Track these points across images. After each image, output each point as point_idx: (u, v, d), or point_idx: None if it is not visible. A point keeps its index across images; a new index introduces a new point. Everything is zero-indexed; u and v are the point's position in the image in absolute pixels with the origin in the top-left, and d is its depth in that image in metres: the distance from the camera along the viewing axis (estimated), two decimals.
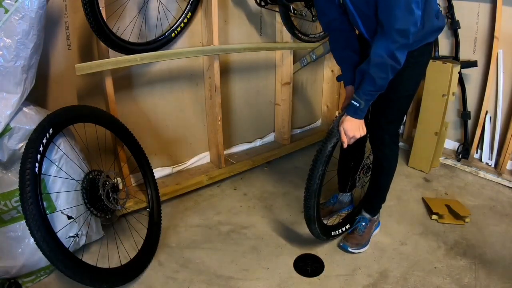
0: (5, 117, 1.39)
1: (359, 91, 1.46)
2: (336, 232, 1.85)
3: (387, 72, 1.38)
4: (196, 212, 2.12)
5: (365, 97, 1.45)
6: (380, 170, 1.78)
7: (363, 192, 1.98)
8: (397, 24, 1.30)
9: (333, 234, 1.84)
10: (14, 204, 1.48)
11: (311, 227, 1.73)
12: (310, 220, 1.70)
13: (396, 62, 1.37)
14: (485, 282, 1.63)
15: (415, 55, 1.49)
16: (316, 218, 1.70)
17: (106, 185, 1.61)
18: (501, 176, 2.42)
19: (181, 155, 2.41)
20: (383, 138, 1.68)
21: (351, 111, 1.50)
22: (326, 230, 1.80)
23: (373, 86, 1.42)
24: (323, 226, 1.78)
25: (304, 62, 2.70)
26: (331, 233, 1.83)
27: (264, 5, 2.24)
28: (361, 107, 1.46)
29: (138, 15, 1.93)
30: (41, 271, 1.60)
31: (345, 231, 1.89)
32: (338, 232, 1.86)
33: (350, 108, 1.50)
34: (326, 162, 1.62)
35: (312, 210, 1.67)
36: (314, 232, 1.75)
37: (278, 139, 2.84)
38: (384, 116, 1.64)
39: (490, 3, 2.38)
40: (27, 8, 1.35)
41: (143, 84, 2.09)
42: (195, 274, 1.68)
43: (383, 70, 1.38)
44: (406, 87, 1.59)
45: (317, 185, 1.64)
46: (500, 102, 2.45)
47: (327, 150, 1.60)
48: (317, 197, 1.66)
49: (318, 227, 1.72)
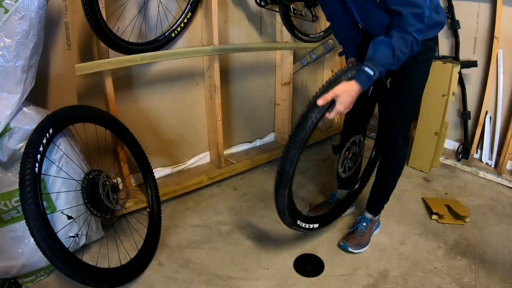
0: (5, 117, 1.39)
1: (375, 60, 1.36)
2: (304, 225, 1.71)
3: (407, 47, 1.34)
4: (196, 212, 2.12)
5: (381, 68, 1.35)
6: (389, 170, 1.78)
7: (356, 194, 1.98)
8: (412, 8, 1.30)
9: (301, 225, 1.69)
10: (14, 204, 1.48)
11: (281, 217, 1.62)
12: (279, 210, 1.57)
13: (416, 41, 1.35)
14: (485, 282, 1.63)
15: (420, 52, 1.50)
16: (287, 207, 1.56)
17: (106, 185, 1.61)
18: (501, 176, 2.42)
19: (181, 155, 2.41)
20: (397, 140, 1.69)
21: (363, 77, 1.36)
22: (297, 217, 1.67)
23: (391, 59, 1.34)
24: (295, 213, 1.65)
25: (304, 62, 2.70)
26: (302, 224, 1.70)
27: (264, 5, 2.24)
28: (375, 76, 1.35)
29: (138, 15, 1.93)
30: (41, 271, 1.60)
31: (311, 229, 1.76)
32: (306, 226, 1.72)
33: (361, 75, 1.37)
34: (302, 146, 1.44)
35: (282, 199, 1.52)
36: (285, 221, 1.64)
37: (278, 139, 2.84)
38: (397, 119, 1.65)
39: (490, 3, 2.38)
40: (27, 8, 1.35)
41: (143, 84, 2.09)
42: (195, 274, 1.68)
43: (405, 44, 1.34)
44: (416, 88, 1.62)
45: (290, 172, 1.47)
46: (500, 102, 2.45)
47: (306, 128, 1.40)
48: (288, 186, 1.50)
49: (289, 215, 1.59)
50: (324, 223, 1.86)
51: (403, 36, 1.33)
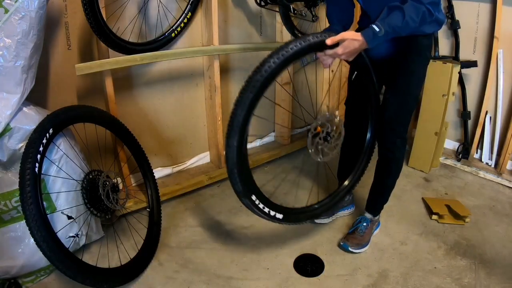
0: (5, 117, 1.39)
1: (383, 21, 1.39)
2: (261, 205, 1.45)
3: (418, 15, 1.37)
4: (196, 212, 2.12)
5: (387, 28, 1.38)
6: (388, 171, 1.79)
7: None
8: None
9: (256, 203, 1.44)
10: (14, 204, 1.48)
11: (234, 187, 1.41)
12: (229, 168, 1.35)
13: (429, 12, 1.37)
14: (485, 282, 1.63)
15: (415, 49, 1.51)
16: (237, 165, 1.33)
17: (106, 185, 1.61)
18: (501, 176, 2.42)
19: (181, 155, 2.41)
20: (395, 142, 1.69)
21: (369, 33, 1.40)
22: (252, 190, 1.44)
23: (400, 22, 1.36)
24: (249, 183, 1.43)
25: (304, 62, 2.70)
26: (257, 202, 1.44)
27: (264, 5, 2.24)
28: (380, 34, 1.38)
29: (138, 15, 1.93)
30: (41, 271, 1.60)
31: (270, 216, 1.49)
32: (262, 207, 1.46)
33: (368, 30, 1.40)
34: (257, 89, 1.29)
35: (232, 151, 1.31)
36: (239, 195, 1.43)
37: (278, 139, 2.84)
38: (395, 120, 1.65)
39: (490, 3, 2.38)
40: (27, 8, 1.35)
41: (143, 84, 2.09)
42: (195, 274, 1.68)
43: (417, 12, 1.36)
44: (413, 89, 1.62)
45: (242, 116, 1.30)
46: (500, 102, 2.45)
47: (262, 71, 1.29)
48: (240, 135, 1.31)
49: (240, 178, 1.37)
50: (290, 219, 1.57)
51: (416, 5, 1.36)
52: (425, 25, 1.43)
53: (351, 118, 1.85)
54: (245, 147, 1.36)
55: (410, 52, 1.53)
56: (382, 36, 1.39)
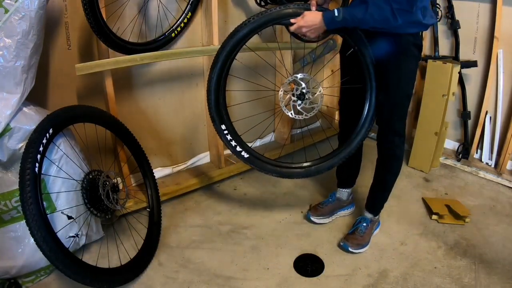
0: (5, 117, 1.39)
1: (347, 9, 1.47)
2: (228, 136, 1.74)
3: (380, 15, 1.41)
4: (196, 212, 2.12)
5: (346, 15, 1.45)
6: (388, 170, 1.80)
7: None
8: None
9: (224, 132, 1.73)
10: (14, 204, 1.48)
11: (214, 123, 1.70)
12: (208, 86, 1.66)
13: (393, 16, 1.40)
14: (485, 282, 1.63)
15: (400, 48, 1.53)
16: (214, 91, 1.66)
17: (106, 185, 1.61)
18: (501, 176, 2.42)
19: (181, 155, 2.41)
20: (393, 141, 1.71)
21: (328, 14, 1.49)
22: (223, 121, 1.73)
23: (361, 15, 1.43)
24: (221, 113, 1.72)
25: (304, 62, 2.69)
26: (226, 133, 1.74)
27: (264, 5, 2.24)
28: (338, 19, 1.47)
29: (138, 15, 1.93)
30: (41, 271, 1.60)
31: (236, 150, 1.78)
32: (230, 140, 1.75)
33: (328, 12, 1.50)
34: (235, 47, 1.61)
35: (211, 79, 1.63)
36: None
37: (278, 139, 2.84)
38: (391, 119, 1.67)
39: (490, 3, 2.38)
40: (27, 8, 1.35)
41: (143, 84, 2.09)
42: (195, 274, 1.68)
43: (379, 12, 1.41)
44: (404, 88, 1.63)
45: (222, 56, 1.60)
46: (500, 102, 2.45)
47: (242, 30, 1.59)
48: (221, 67, 1.63)
49: (215, 104, 1.68)
50: (255, 163, 1.82)
51: (382, 6, 1.40)
52: (407, 25, 1.47)
53: (345, 128, 1.86)
54: (224, 83, 1.69)
55: (396, 51, 1.55)
56: (340, 22, 1.47)
